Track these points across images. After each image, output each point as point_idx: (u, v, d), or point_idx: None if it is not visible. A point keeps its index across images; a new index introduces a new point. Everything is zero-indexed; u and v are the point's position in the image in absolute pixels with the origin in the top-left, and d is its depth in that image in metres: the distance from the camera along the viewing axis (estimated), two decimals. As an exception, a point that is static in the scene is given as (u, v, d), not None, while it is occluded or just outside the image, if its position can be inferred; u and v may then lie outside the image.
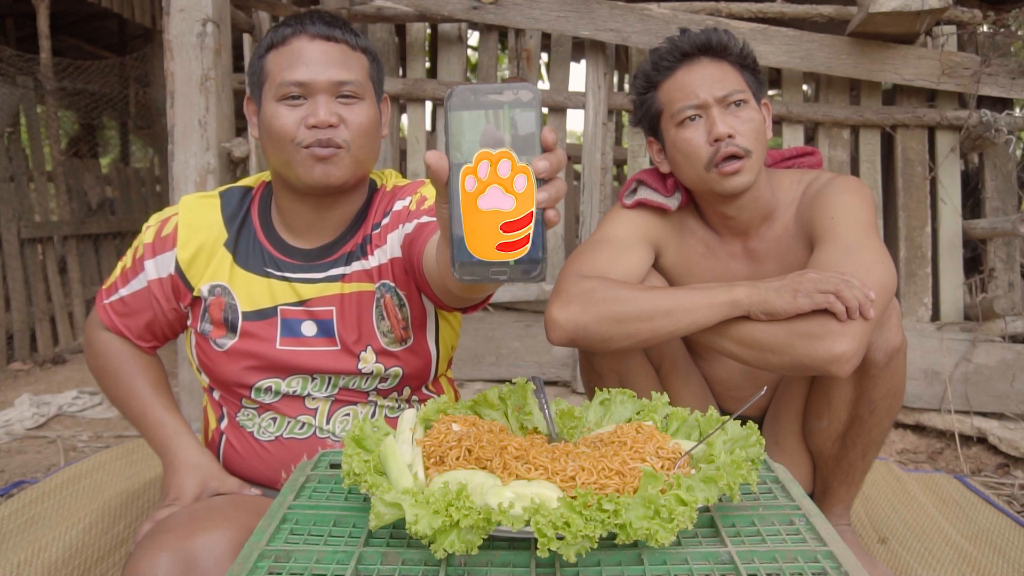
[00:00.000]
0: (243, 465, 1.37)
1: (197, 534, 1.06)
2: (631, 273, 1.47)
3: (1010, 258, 2.82)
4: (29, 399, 3.16)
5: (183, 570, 1.03)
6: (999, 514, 2.00)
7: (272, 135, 1.25)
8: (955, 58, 2.76)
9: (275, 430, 1.34)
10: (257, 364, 1.31)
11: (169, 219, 1.37)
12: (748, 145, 1.41)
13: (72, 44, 6.31)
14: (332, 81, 1.23)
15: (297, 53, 1.23)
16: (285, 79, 1.22)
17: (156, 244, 1.36)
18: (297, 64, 1.22)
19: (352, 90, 1.25)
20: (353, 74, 1.25)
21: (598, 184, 2.92)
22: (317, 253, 1.34)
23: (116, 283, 1.40)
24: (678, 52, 1.46)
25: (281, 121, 1.23)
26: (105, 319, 1.41)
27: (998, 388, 2.65)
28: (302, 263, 1.34)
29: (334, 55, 1.24)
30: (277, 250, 1.34)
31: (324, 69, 1.22)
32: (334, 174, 1.24)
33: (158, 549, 1.05)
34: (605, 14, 2.77)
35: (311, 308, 1.32)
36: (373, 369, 1.33)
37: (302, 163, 1.23)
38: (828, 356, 1.20)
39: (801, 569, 0.80)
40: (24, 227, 4.07)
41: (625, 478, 0.87)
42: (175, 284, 1.35)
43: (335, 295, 1.32)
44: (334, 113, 1.22)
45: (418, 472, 0.91)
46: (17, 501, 1.97)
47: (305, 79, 1.22)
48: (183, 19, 2.52)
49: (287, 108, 1.23)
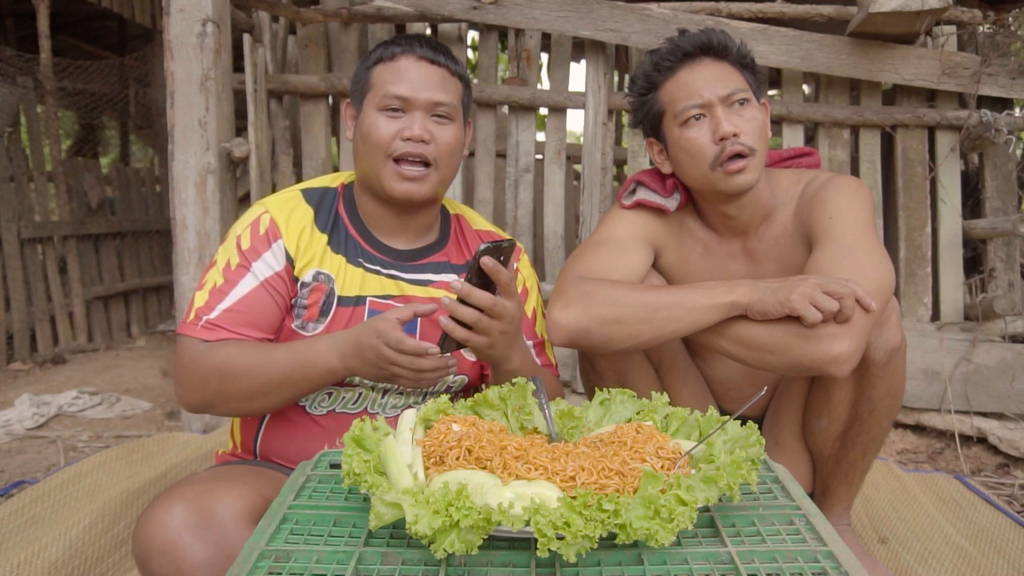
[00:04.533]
0: (286, 443, 1.37)
1: (216, 491, 1.09)
2: (631, 274, 1.47)
3: (1010, 258, 2.83)
4: (29, 399, 3.16)
5: (198, 519, 1.05)
6: (999, 514, 2.00)
7: (369, 141, 1.34)
8: (955, 58, 2.76)
9: (329, 404, 1.38)
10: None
11: (260, 218, 1.36)
12: (752, 143, 1.41)
13: (72, 44, 6.31)
14: (430, 101, 1.34)
15: (403, 70, 1.34)
16: (389, 91, 1.33)
17: (258, 243, 1.34)
18: (401, 80, 1.34)
19: (446, 111, 1.36)
20: (449, 97, 1.36)
21: (598, 184, 2.92)
22: (408, 255, 1.43)
23: (210, 302, 1.31)
24: (679, 52, 1.46)
25: (380, 131, 1.33)
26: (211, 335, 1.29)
27: (998, 388, 2.65)
28: (393, 260, 1.41)
29: (435, 78, 1.35)
30: (369, 245, 1.41)
31: (425, 88, 1.34)
32: (418, 192, 1.34)
33: (176, 499, 1.07)
34: (605, 14, 2.77)
35: (398, 303, 1.37)
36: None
37: (390, 176, 1.34)
38: (826, 356, 1.20)
39: (801, 569, 0.80)
40: (24, 227, 4.07)
41: (625, 478, 0.87)
42: (289, 273, 1.34)
43: (424, 297, 1.39)
44: (427, 130, 1.33)
45: (418, 472, 0.91)
46: (17, 501, 1.97)
47: (407, 95, 1.33)
48: (183, 19, 2.53)
49: (386, 119, 1.33)
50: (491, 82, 3.04)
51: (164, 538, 1.03)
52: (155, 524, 1.05)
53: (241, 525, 1.06)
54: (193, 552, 1.03)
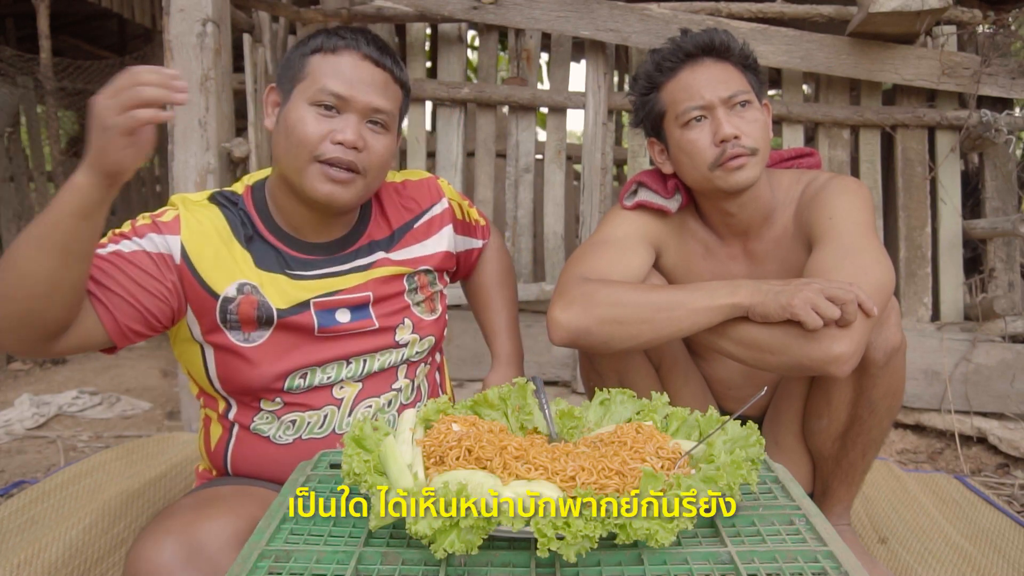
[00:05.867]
0: (255, 469, 1.35)
1: (203, 520, 1.07)
2: (632, 274, 1.47)
3: (1010, 258, 2.82)
4: (29, 399, 3.16)
5: (188, 555, 1.03)
6: (999, 514, 2.00)
7: (293, 137, 1.23)
8: (955, 58, 2.76)
9: (294, 432, 1.33)
10: (295, 353, 1.30)
11: (165, 211, 1.28)
12: (753, 145, 1.41)
13: (72, 44, 6.31)
14: (369, 105, 1.24)
15: (344, 66, 1.23)
16: (326, 86, 1.22)
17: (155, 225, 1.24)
18: (341, 77, 1.23)
19: (384, 119, 1.27)
20: (389, 103, 1.27)
21: (598, 184, 2.92)
22: (335, 246, 1.35)
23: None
24: (681, 52, 1.45)
25: (307, 128, 1.22)
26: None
27: (998, 388, 2.65)
28: (323, 257, 1.34)
29: (378, 80, 1.26)
30: (292, 248, 1.32)
31: (365, 90, 1.24)
32: (342, 197, 1.25)
33: (163, 533, 1.05)
34: (605, 14, 2.77)
35: (343, 296, 1.33)
36: (409, 339, 1.39)
37: (313, 176, 1.23)
38: (826, 357, 1.20)
39: (801, 569, 0.80)
40: (24, 227, 4.06)
41: (625, 478, 0.87)
42: (183, 275, 1.23)
43: (366, 282, 1.35)
44: (361, 137, 1.23)
45: (418, 472, 0.91)
46: (17, 501, 1.97)
47: (346, 94, 1.22)
48: (183, 19, 2.52)
49: (316, 116, 1.22)
50: (491, 82, 3.04)
51: (156, 575, 1.02)
52: (145, 562, 1.03)
53: (230, 553, 1.04)
54: None
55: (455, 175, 2.97)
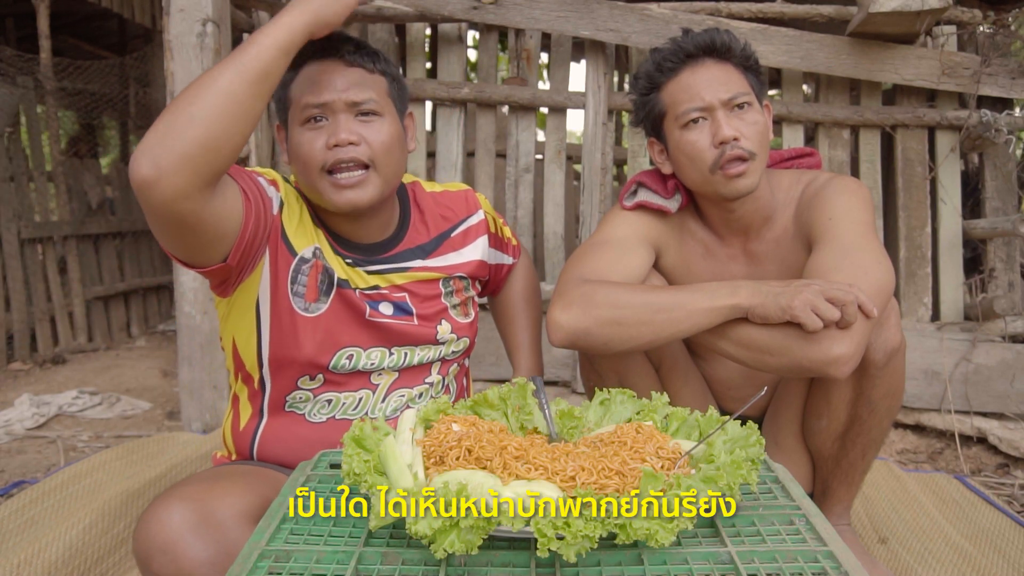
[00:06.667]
0: (284, 449, 1.37)
1: (215, 491, 1.10)
2: (632, 275, 1.47)
3: (1010, 258, 2.83)
4: (29, 399, 3.16)
5: (198, 521, 1.05)
6: (999, 514, 2.00)
7: (300, 160, 1.28)
8: (955, 58, 2.76)
9: (329, 411, 1.37)
10: (346, 334, 1.34)
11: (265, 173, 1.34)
12: (753, 147, 1.41)
13: (72, 44, 6.31)
14: (347, 101, 1.26)
15: (315, 76, 1.27)
16: (307, 102, 1.26)
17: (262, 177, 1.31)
18: (313, 87, 1.26)
19: (370, 108, 1.27)
20: (367, 93, 1.28)
21: (598, 184, 2.92)
22: (377, 248, 1.39)
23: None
24: (682, 53, 1.45)
25: (307, 146, 1.26)
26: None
27: (998, 388, 2.65)
28: (364, 257, 1.38)
29: (352, 77, 1.27)
30: (340, 245, 1.37)
31: (339, 89, 1.26)
32: (362, 198, 1.27)
33: (176, 499, 1.07)
34: (605, 14, 2.77)
35: (383, 292, 1.38)
36: (448, 339, 1.44)
37: (327, 190, 1.27)
38: (826, 358, 1.20)
39: (801, 569, 0.80)
40: (24, 227, 4.06)
41: (625, 478, 0.87)
42: (275, 227, 1.29)
43: (405, 283, 1.40)
44: (354, 132, 1.25)
45: (418, 472, 0.91)
46: (17, 501, 1.97)
47: (323, 99, 1.25)
48: (183, 19, 2.52)
49: (310, 132, 1.26)
50: (491, 82, 3.04)
51: (165, 538, 1.04)
52: (156, 524, 1.05)
53: (242, 525, 1.07)
54: (194, 552, 1.03)
55: (455, 175, 2.97)
